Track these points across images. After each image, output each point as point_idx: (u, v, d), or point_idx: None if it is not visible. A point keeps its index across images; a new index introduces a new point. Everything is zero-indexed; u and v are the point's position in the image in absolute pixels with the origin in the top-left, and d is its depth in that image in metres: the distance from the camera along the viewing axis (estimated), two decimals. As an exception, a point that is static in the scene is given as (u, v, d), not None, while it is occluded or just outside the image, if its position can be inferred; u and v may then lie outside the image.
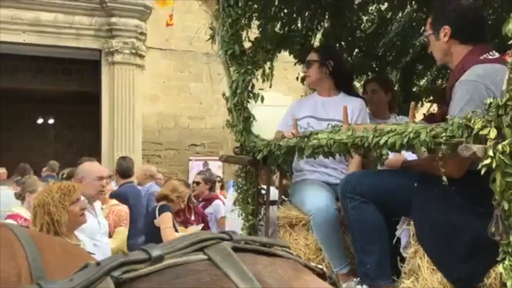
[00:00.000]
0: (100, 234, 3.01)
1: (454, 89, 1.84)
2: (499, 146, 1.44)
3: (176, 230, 3.80)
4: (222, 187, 8.48)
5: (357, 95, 2.95)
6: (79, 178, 3.04)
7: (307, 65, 2.77)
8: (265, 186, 2.67)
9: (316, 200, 2.37)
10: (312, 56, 2.76)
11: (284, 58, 3.17)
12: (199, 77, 10.37)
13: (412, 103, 2.03)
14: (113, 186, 4.93)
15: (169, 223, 3.67)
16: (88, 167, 3.27)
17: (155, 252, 0.67)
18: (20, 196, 3.56)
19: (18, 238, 1.16)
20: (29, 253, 1.10)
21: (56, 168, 7.53)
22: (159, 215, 3.74)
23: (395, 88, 3.62)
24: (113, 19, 8.86)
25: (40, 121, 13.61)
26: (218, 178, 8.61)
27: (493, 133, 1.46)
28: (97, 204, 3.19)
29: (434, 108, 3.73)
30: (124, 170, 4.79)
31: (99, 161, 8.20)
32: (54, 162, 7.76)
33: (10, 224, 1.30)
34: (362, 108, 2.69)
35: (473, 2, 2.11)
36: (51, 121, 13.74)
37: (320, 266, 0.84)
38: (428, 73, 3.85)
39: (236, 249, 0.72)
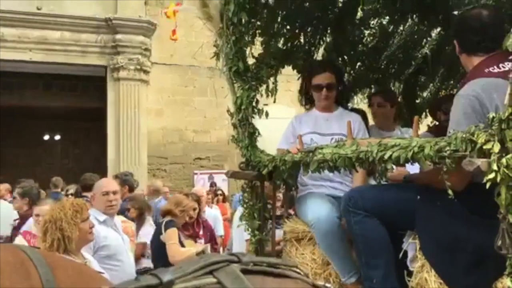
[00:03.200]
0: (125, 251, 3.02)
1: (454, 101, 1.85)
2: (503, 160, 1.44)
3: (183, 245, 3.80)
4: (223, 200, 8.48)
5: (352, 110, 2.99)
6: (92, 195, 3.09)
7: (328, 88, 2.71)
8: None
9: (316, 210, 2.37)
10: (331, 78, 2.73)
11: (287, 71, 3.20)
12: (203, 91, 10.44)
13: (416, 117, 2.04)
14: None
15: (174, 239, 3.68)
16: (98, 183, 3.34)
17: (166, 277, 0.68)
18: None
19: (30, 258, 1.17)
20: (42, 274, 1.12)
21: (59, 184, 7.54)
22: (165, 230, 3.75)
23: (399, 100, 3.64)
24: (118, 36, 8.99)
25: (46, 137, 13.72)
26: (220, 191, 8.61)
27: (496, 147, 1.47)
28: (117, 220, 3.21)
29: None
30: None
31: (105, 176, 8.24)
32: (57, 178, 7.78)
33: (22, 245, 1.32)
34: (361, 123, 2.74)
35: (478, 9, 2.04)
36: (57, 137, 13.84)
37: (328, 285, 0.85)
38: (431, 84, 3.87)
39: (245, 271, 0.74)
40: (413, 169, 2.33)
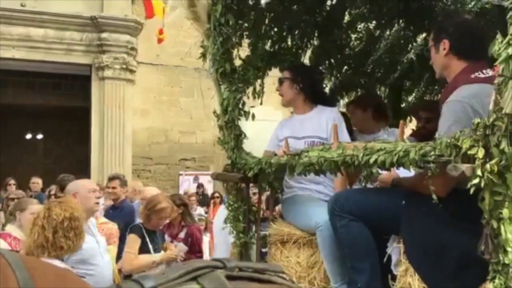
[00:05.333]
0: (100, 254, 2.95)
1: (443, 107, 1.86)
2: (487, 166, 1.46)
3: (148, 251, 3.59)
4: (221, 202, 8.39)
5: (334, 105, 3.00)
6: (73, 194, 3.02)
7: (279, 83, 2.82)
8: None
9: (324, 212, 2.30)
10: (284, 74, 2.83)
11: (275, 73, 3.20)
12: (189, 92, 10.40)
13: (401, 122, 2.05)
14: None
15: (130, 246, 3.51)
16: (80, 182, 3.32)
17: (148, 283, 0.67)
18: (11, 214, 3.51)
19: (9, 263, 1.14)
20: (20, 279, 1.09)
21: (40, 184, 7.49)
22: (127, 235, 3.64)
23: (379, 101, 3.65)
24: (104, 35, 8.88)
25: (29, 136, 13.47)
26: (217, 194, 8.46)
27: (481, 153, 1.48)
28: (92, 222, 3.16)
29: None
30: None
31: (89, 176, 8.14)
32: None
33: (1, 249, 1.28)
34: (336, 117, 2.69)
35: (474, 18, 2.08)
36: (39, 136, 13.60)
37: (313, 291, 0.84)
38: (416, 89, 3.91)
39: (230, 277, 0.73)
40: (403, 172, 2.34)
